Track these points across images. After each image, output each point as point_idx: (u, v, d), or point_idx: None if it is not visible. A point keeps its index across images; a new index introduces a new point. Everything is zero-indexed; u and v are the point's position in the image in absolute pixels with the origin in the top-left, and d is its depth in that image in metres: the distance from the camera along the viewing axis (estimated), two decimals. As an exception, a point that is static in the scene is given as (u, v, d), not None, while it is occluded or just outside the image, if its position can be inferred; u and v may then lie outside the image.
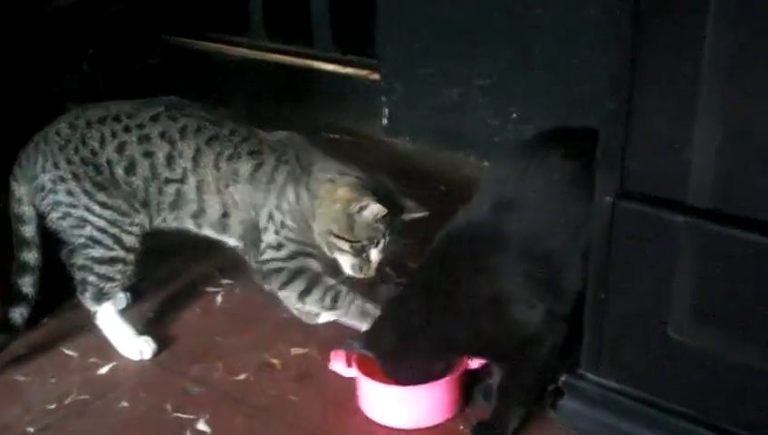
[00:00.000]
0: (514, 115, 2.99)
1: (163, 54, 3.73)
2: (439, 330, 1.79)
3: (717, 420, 1.65)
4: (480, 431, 1.82)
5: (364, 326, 2.02)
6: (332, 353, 1.94)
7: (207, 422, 1.92)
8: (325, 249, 2.06)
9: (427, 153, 3.17)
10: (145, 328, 2.22)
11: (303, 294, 2.09)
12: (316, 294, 2.09)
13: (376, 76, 3.33)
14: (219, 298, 2.38)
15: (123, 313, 2.19)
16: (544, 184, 1.80)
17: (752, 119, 1.45)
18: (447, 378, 1.87)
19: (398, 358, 1.82)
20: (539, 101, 2.92)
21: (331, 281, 2.10)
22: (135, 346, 2.13)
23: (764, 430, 1.60)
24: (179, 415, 1.95)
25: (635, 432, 1.74)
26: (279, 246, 2.07)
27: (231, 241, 2.16)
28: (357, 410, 1.94)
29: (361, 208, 1.98)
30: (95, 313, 2.11)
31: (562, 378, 1.84)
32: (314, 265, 2.10)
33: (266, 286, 2.15)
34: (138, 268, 2.13)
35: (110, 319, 2.12)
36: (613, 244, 1.66)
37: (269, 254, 2.08)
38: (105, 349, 2.15)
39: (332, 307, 2.09)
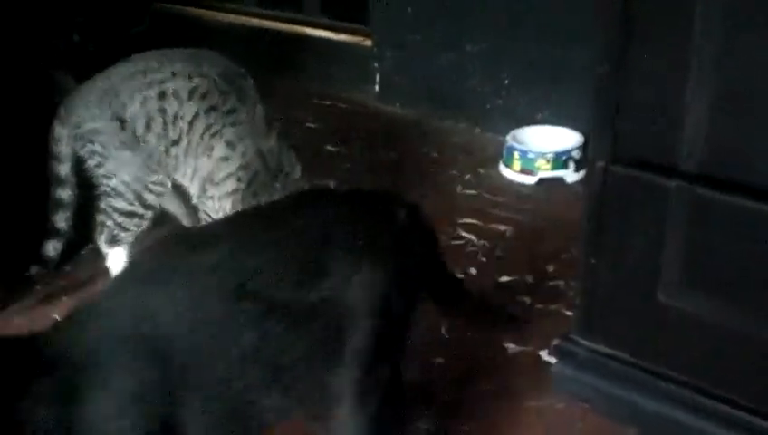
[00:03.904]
0: (506, 81, 2.99)
1: (153, 21, 3.70)
2: None
3: (706, 384, 1.66)
4: None
5: None
6: None
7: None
8: None
9: (418, 119, 3.16)
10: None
11: None
12: None
13: (367, 43, 3.32)
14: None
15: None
16: None
17: (744, 84, 1.45)
18: None
19: None
20: (531, 67, 2.91)
21: None
22: None
23: (751, 393, 1.61)
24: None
25: (625, 396, 1.76)
26: None
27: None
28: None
29: None
30: (107, 254, 2.18)
31: (554, 342, 1.85)
32: None
33: None
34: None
35: (120, 263, 2.18)
36: (604, 209, 1.67)
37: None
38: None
39: None
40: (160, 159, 2.08)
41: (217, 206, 2.08)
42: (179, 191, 2.17)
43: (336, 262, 1.40)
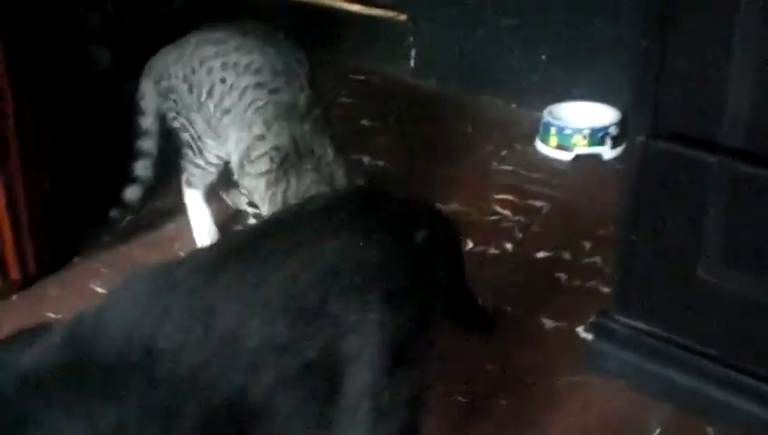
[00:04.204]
0: (543, 57, 2.96)
1: (189, -5, 3.70)
2: None
3: (746, 363, 1.65)
4: None
5: None
6: None
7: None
8: None
9: (453, 95, 3.14)
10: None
11: None
12: None
13: (403, 17, 3.30)
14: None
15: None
16: None
17: (788, 58, 1.43)
18: None
19: None
20: (568, 43, 2.89)
21: None
22: (205, 233, 2.30)
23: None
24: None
25: (663, 374, 1.75)
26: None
27: None
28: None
29: None
30: (185, 193, 2.31)
31: (591, 319, 1.85)
32: None
33: None
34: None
35: (194, 202, 2.31)
36: (644, 184, 1.66)
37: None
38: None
39: None
40: (216, 126, 2.16)
41: (253, 184, 2.12)
42: (226, 167, 2.24)
43: (339, 303, 1.28)
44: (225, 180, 2.30)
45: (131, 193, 2.30)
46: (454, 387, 1.83)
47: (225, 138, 2.16)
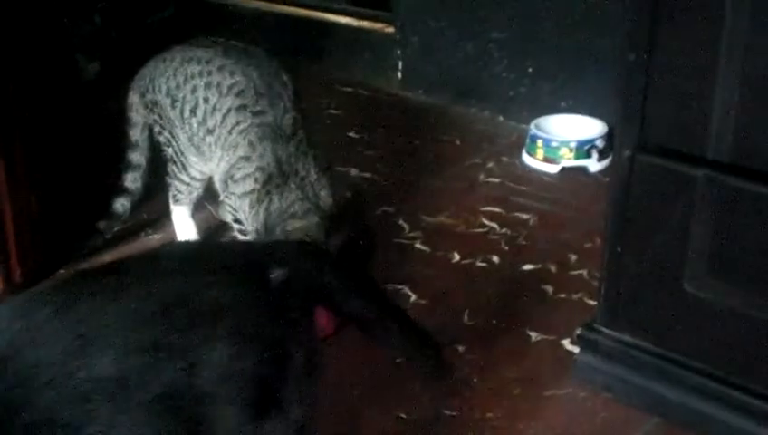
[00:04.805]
0: (530, 69, 2.97)
1: (177, 6, 3.71)
2: None
3: (732, 376, 1.65)
4: None
5: None
6: None
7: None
8: None
9: (441, 107, 3.15)
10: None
11: None
12: None
13: (390, 29, 3.31)
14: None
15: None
16: None
17: (774, 72, 1.44)
18: None
19: None
20: (555, 56, 2.90)
21: None
22: None
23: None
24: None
25: (648, 386, 1.75)
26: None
27: None
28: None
29: None
30: (172, 211, 2.35)
31: (577, 331, 1.85)
32: None
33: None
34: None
35: (181, 219, 2.34)
36: (630, 197, 1.66)
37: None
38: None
39: None
40: (200, 144, 2.17)
41: (238, 204, 2.13)
42: (212, 186, 2.24)
43: (179, 342, 1.20)
44: (211, 192, 2.30)
45: (120, 205, 2.32)
46: (440, 400, 1.83)
47: (209, 156, 2.16)
